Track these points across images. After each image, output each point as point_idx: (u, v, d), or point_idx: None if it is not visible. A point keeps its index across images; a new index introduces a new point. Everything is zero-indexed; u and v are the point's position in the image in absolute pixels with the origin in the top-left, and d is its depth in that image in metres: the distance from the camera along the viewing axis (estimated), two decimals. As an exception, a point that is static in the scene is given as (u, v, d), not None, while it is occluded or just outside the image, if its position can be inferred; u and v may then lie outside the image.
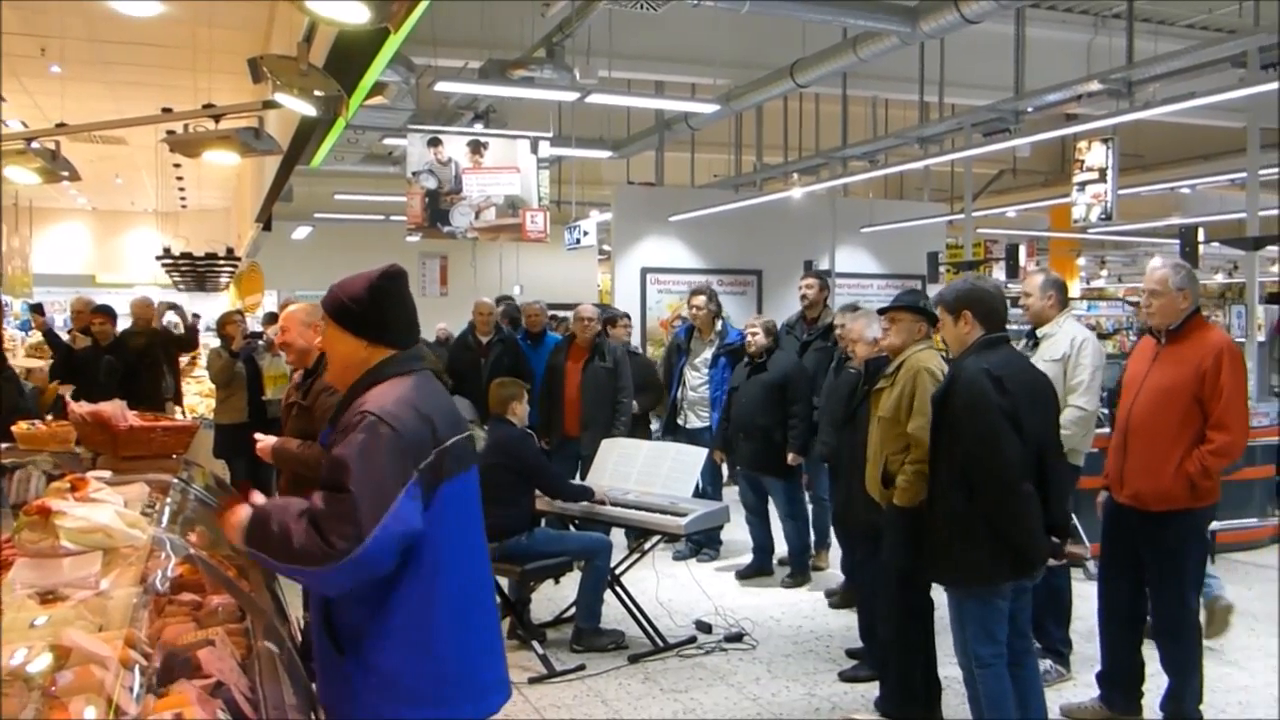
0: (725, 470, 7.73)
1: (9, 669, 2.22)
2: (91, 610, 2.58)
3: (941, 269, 13.81)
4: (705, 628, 5.77)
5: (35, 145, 5.54)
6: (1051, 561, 3.67)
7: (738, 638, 5.65)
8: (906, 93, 11.10)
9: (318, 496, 2.28)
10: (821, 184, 13.12)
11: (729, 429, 6.88)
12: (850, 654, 5.31)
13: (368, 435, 2.31)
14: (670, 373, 7.76)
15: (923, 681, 4.39)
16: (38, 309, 8.60)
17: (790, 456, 6.55)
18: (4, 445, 4.49)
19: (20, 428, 4.48)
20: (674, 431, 7.49)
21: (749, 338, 6.77)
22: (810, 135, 13.54)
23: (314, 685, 2.92)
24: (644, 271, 13.54)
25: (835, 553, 6.53)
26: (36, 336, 9.70)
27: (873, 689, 4.70)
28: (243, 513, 2.41)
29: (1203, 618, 4.28)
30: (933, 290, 11.88)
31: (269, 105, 4.32)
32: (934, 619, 4.38)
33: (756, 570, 6.95)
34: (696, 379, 7.46)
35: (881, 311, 4.60)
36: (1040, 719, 3.77)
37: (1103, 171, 9.74)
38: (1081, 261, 24.36)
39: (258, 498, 2.48)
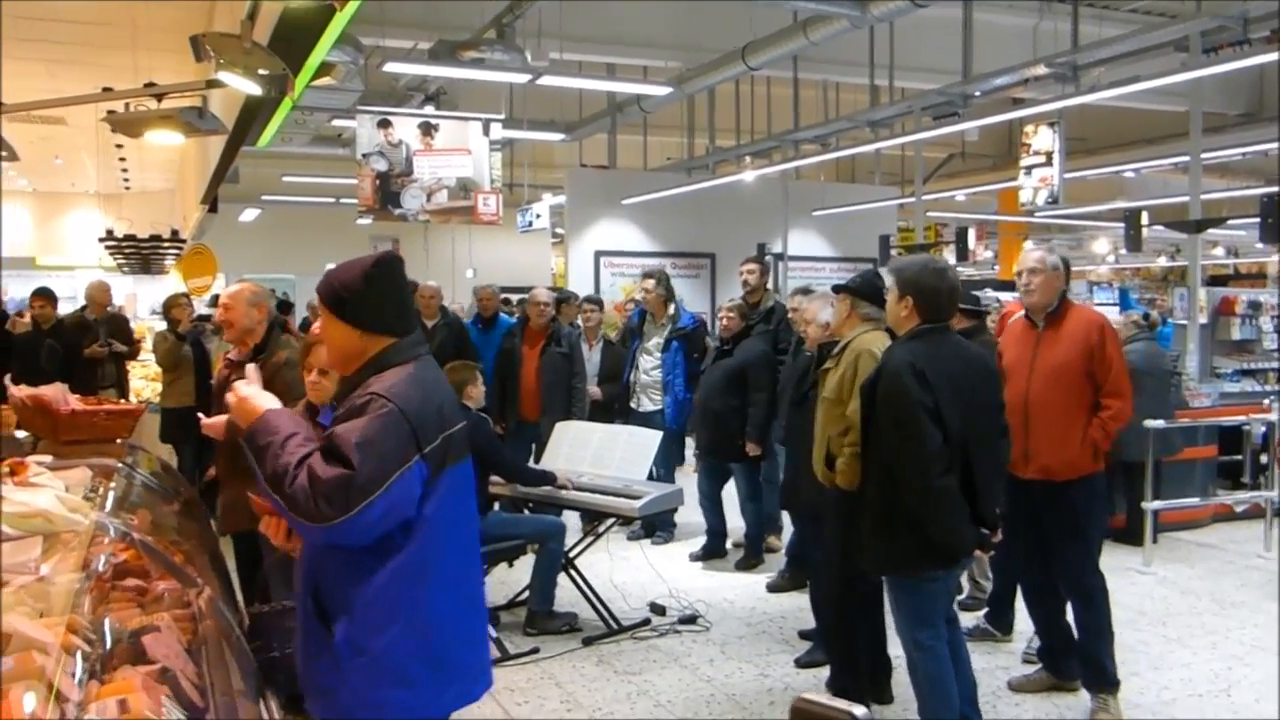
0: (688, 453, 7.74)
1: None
2: (33, 595, 2.53)
3: (893, 251, 13.94)
4: (659, 610, 5.79)
5: (-30, 124, 5.41)
6: (977, 552, 3.72)
7: (691, 620, 5.68)
8: (857, 76, 11.17)
9: (318, 458, 2.27)
10: (774, 167, 13.18)
11: (695, 414, 6.92)
12: (803, 635, 5.35)
13: (373, 415, 2.31)
14: (624, 356, 7.75)
15: (870, 661, 4.44)
16: None
17: (748, 446, 6.56)
18: (-59, 431, 4.39)
19: (-42, 413, 4.38)
20: (626, 415, 7.48)
21: (724, 322, 6.78)
22: (762, 118, 13.58)
23: (260, 671, 2.90)
24: (597, 255, 13.54)
25: (787, 535, 6.58)
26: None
27: (826, 670, 4.74)
28: (262, 404, 2.43)
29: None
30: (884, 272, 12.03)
31: (212, 85, 4.24)
32: (882, 599, 4.43)
33: (710, 553, 6.98)
34: (649, 362, 7.45)
35: (835, 290, 4.63)
36: (970, 696, 3.82)
37: (1049, 155, 9.87)
38: (1028, 245, 24.66)
39: (274, 401, 2.47)
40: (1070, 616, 4.56)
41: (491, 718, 4.42)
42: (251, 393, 2.49)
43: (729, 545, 7.06)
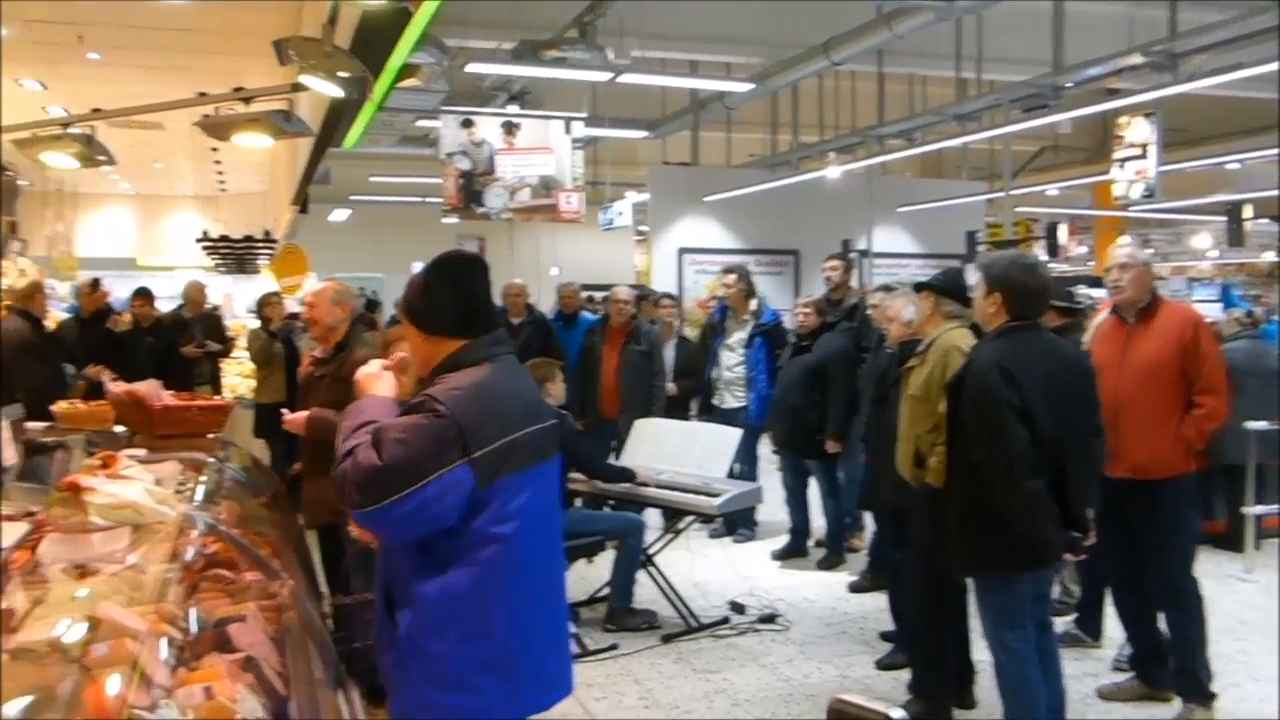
0: (764, 450, 7.70)
1: (50, 640, 2.26)
2: (126, 585, 2.62)
3: (980, 248, 13.66)
4: (739, 608, 5.76)
5: (74, 130, 5.61)
6: (1068, 556, 3.61)
7: (771, 619, 5.64)
8: (943, 69, 10.96)
9: (366, 446, 2.28)
10: (858, 163, 13.02)
11: (774, 410, 6.88)
12: (884, 636, 5.27)
13: (417, 417, 2.30)
14: (706, 353, 7.74)
15: (954, 664, 4.35)
16: (95, 284, 8.75)
17: (828, 443, 6.50)
18: (46, 424, 4.57)
19: (61, 407, 4.55)
20: (709, 411, 7.47)
21: (801, 318, 6.73)
22: (846, 113, 13.41)
23: (342, 662, 2.95)
24: (681, 252, 13.51)
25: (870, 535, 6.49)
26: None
27: (908, 673, 4.66)
28: (369, 387, 2.51)
29: None
30: (971, 269, 11.79)
31: (297, 88, 4.34)
32: (966, 601, 4.34)
33: (791, 551, 6.93)
34: (732, 359, 7.42)
35: (917, 288, 4.55)
36: (1058, 706, 3.71)
37: (1145, 147, 9.57)
38: (1123, 241, 23.96)
39: (385, 388, 2.53)
40: (1163, 623, 4.42)
41: (569, 714, 4.44)
42: (369, 373, 2.54)
43: (811, 544, 7.00)
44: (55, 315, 9.88)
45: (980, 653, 4.31)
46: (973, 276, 3.89)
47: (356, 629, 3.18)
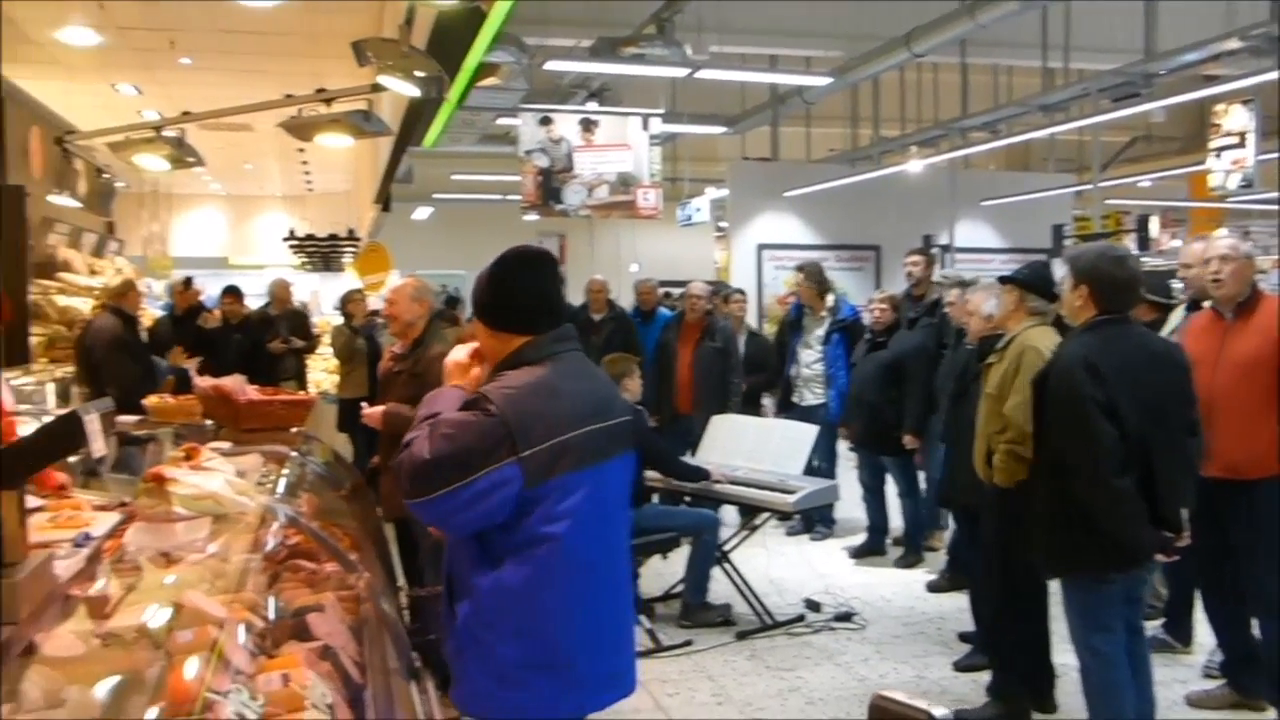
0: (843, 447, 7.63)
1: (138, 626, 2.34)
2: (211, 574, 2.69)
3: (1067, 241, 13.33)
4: (814, 606, 5.72)
5: (165, 134, 5.80)
6: (1159, 556, 3.49)
7: (847, 617, 5.59)
8: (1029, 59, 10.69)
9: (422, 438, 2.31)
10: (941, 156, 12.78)
11: (849, 407, 6.81)
12: (963, 637, 5.19)
13: (468, 414, 2.32)
14: (783, 350, 7.70)
15: (1034, 668, 4.26)
16: (187, 283, 9.05)
17: (907, 438, 6.42)
18: (137, 418, 4.73)
19: (151, 401, 4.70)
20: (788, 409, 7.43)
21: (876, 314, 6.65)
22: (929, 106, 13.19)
23: (415, 654, 3.00)
24: (760, 248, 13.42)
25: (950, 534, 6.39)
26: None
27: (987, 675, 4.58)
28: (448, 376, 2.57)
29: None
30: (1058, 264, 11.51)
31: (376, 88, 4.42)
32: (1047, 603, 4.25)
33: (869, 549, 6.86)
34: (810, 356, 7.37)
35: (1000, 281, 4.46)
36: (1147, 714, 3.61)
37: (1243, 135, 9.23)
38: (1222, 233, 23.17)
39: (461, 378, 2.56)
40: (1257, 628, 4.27)
41: (642, 708, 4.45)
42: (457, 361, 2.58)
43: (889, 542, 6.91)
44: (151, 313, 10.22)
45: (1064, 655, 4.22)
46: (1060, 270, 3.80)
47: (431, 620, 3.22)
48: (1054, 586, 3.99)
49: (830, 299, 7.36)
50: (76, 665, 2.15)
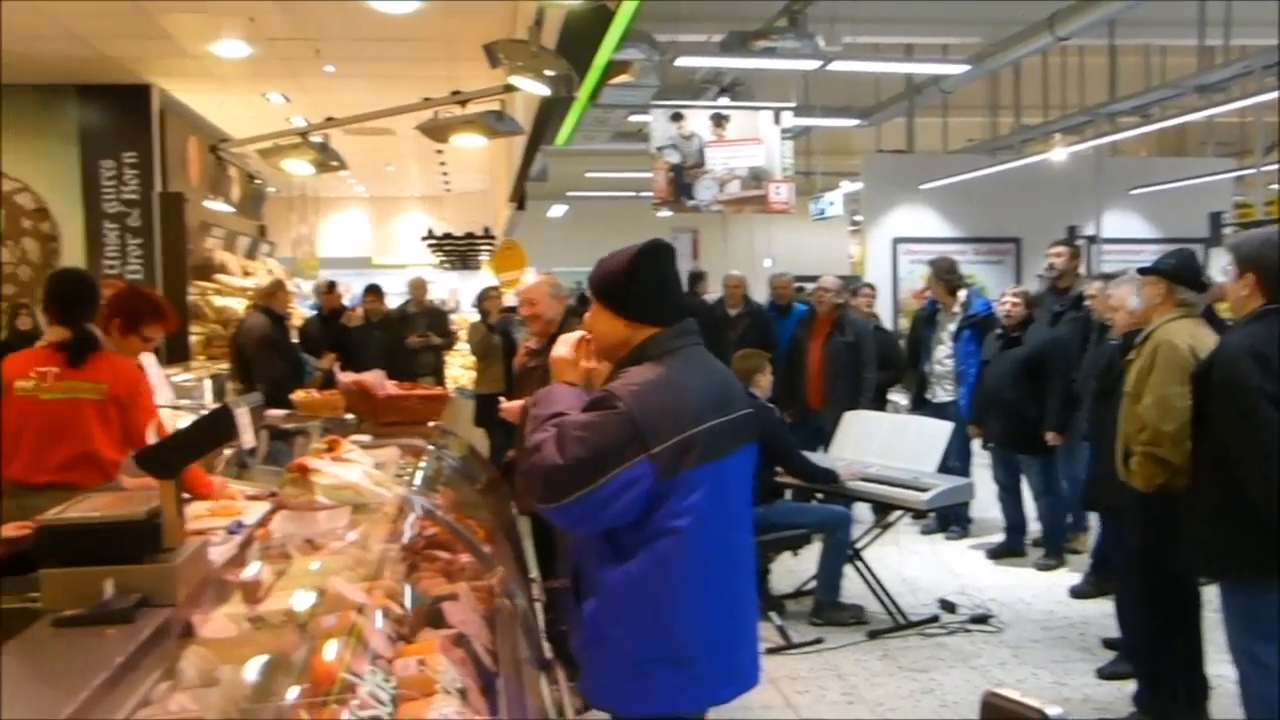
0: (977, 445, 7.44)
1: (285, 610, 2.46)
2: (354, 561, 2.81)
3: (1226, 230, 12.66)
4: (949, 607, 5.59)
5: (311, 139, 6.05)
6: None
7: (983, 619, 5.44)
8: (1184, 37, 10.19)
9: (552, 441, 2.32)
10: (1087, 143, 12.30)
11: (981, 404, 6.63)
12: (1108, 644, 4.99)
13: (597, 414, 2.33)
14: (917, 346, 7.55)
15: (1185, 679, 4.06)
16: (331, 286, 9.44)
17: (1049, 436, 6.21)
18: (286, 412, 4.95)
19: (298, 396, 4.92)
20: (921, 405, 7.29)
21: (1009, 309, 6.46)
22: (1074, 91, 12.70)
23: (547, 644, 3.06)
24: (895, 242, 13.20)
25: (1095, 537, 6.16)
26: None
27: (1134, 684, 4.39)
28: (561, 372, 2.56)
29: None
30: (1215, 254, 10.99)
31: (508, 89, 4.51)
32: (1200, 610, 4.05)
33: (1007, 550, 6.66)
34: (943, 352, 7.21)
35: (1141, 272, 4.27)
36: None
37: None
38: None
39: (574, 374, 2.56)
40: None
41: (772, 704, 4.44)
42: (563, 356, 2.58)
43: (1028, 543, 6.70)
44: (301, 312, 10.69)
45: (1220, 666, 4.02)
46: (1222, 259, 3.61)
47: (564, 613, 3.28)
48: (1210, 593, 3.81)
49: (962, 295, 7.18)
50: (229, 646, 2.28)
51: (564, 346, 2.59)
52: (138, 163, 9.33)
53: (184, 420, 4.26)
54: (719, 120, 9.78)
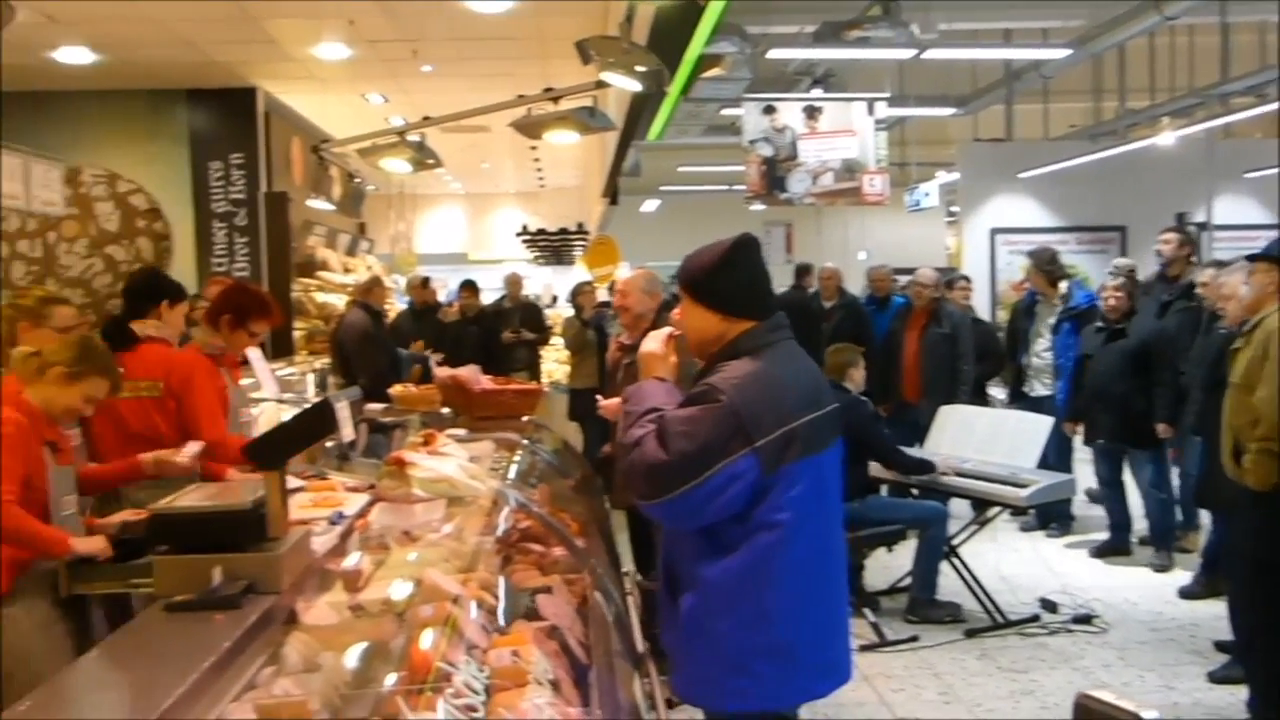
0: (1078, 441, 7.24)
1: (383, 600, 2.52)
2: (449, 552, 2.87)
3: (1351, 215, 12.09)
4: (1050, 606, 5.46)
5: (408, 138, 6.18)
6: None
7: (1086, 619, 5.30)
8: (1306, 10, 9.73)
9: (653, 438, 2.32)
10: (1197, 126, 11.85)
11: (1082, 398, 6.44)
12: (1220, 646, 4.81)
13: (699, 408, 2.32)
14: (1014, 338, 7.39)
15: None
16: (425, 282, 9.63)
17: (1160, 428, 6.02)
18: (384, 406, 5.07)
19: (396, 390, 5.03)
20: (1019, 399, 7.13)
21: (1110, 300, 6.28)
22: (1183, 73, 12.24)
23: (640, 639, 3.07)
24: (993, 232, 12.92)
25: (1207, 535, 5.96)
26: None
27: (1246, 690, 4.23)
28: (651, 368, 2.53)
29: None
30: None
31: (600, 85, 4.54)
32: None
33: (1112, 549, 6.47)
34: (1042, 345, 7.04)
35: (1250, 259, 4.11)
36: None
37: None
38: None
39: (664, 369, 2.54)
40: None
41: (866, 701, 4.39)
42: (653, 351, 2.56)
43: (1134, 541, 6.50)
44: (398, 307, 10.91)
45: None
46: None
47: (657, 613, 3.29)
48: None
49: (1063, 286, 6.99)
50: (330, 633, 2.35)
51: (653, 342, 2.58)
52: (244, 163, 9.64)
53: (288, 413, 4.39)
54: (812, 112, 9.70)
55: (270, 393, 5.14)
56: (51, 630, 2.88)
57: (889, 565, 6.03)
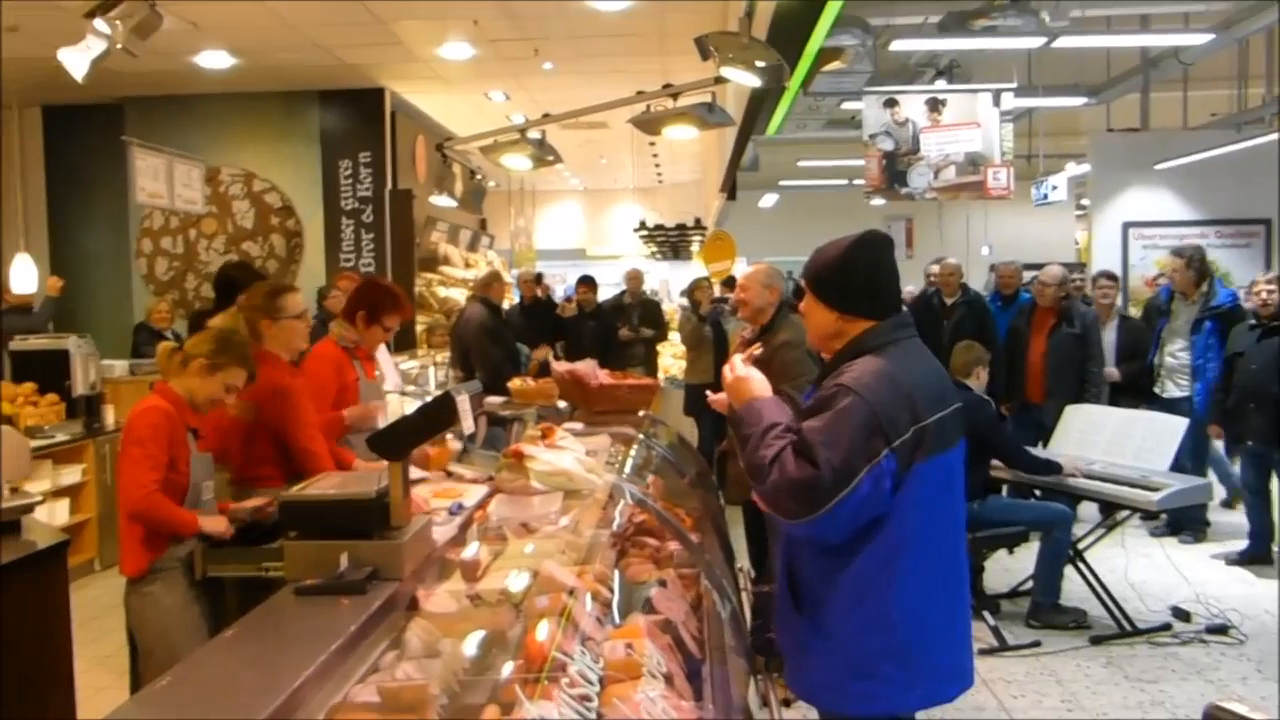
0: (1220, 446, 6.92)
1: (500, 590, 2.58)
2: (566, 545, 2.91)
3: None
4: (1183, 615, 5.25)
5: (528, 135, 6.27)
6: None
7: (1222, 630, 5.07)
8: None
9: (790, 454, 2.25)
10: (1350, 114, 11.21)
11: (1230, 400, 6.15)
12: (1368, 662, 4.58)
13: (839, 410, 2.27)
14: (1145, 334, 7.11)
15: None
16: (538, 278, 9.77)
17: None
18: (503, 399, 5.16)
19: (514, 384, 5.11)
20: (1150, 400, 6.85)
21: (1264, 297, 5.99)
22: (1338, 56, 11.58)
23: (752, 636, 3.07)
24: (1125, 226, 12.45)
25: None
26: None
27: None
28: (753, 388, 2.45)
29: None
30: None
31: (719, 81, 4.53)
32: None
33: (1251, 557, 6.18)
34: (1178, 344, 6.76)
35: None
36: None
37: None
38: None
39: (763, 386, 2.47)
40: None
41: (986, 707, 4.29)
42: (746, 374, 2.50)
43: (1276, 550, 6.20)
44: (516, 302, 11.10)
45: None
46: None
47: (771, 618, 3.28)
48: None
49: (1204, 285, 6.70)
50: (450, 620, 2.41)
51: (733, 372, 2.52)
52: (371, 161, 9.95)
53: (410, 405, 4.52)
54: (935, 105, 9.48)
55: (393, 385, 5.29)
56: (189, 610, 3.05)
57: (1010, 568, 5.88)
